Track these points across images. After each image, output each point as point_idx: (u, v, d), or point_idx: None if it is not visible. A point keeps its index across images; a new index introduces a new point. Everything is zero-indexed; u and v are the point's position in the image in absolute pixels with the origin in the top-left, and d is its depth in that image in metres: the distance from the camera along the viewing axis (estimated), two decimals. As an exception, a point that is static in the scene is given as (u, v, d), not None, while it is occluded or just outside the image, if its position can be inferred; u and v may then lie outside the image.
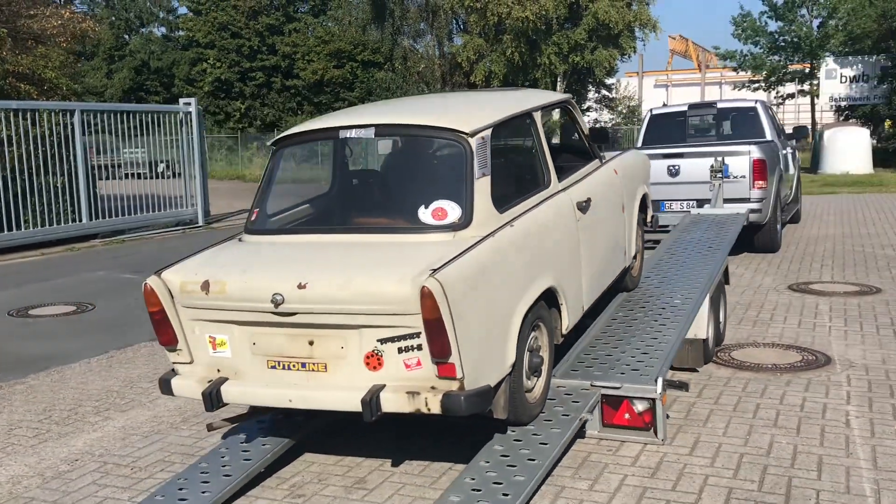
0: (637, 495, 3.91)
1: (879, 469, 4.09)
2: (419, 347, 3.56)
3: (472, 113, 4.38)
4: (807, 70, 36.71)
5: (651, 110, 12.93)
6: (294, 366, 3.83)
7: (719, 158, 9.66)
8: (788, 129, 13.05)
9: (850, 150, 25.86)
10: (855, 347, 6.34)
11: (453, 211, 3.93)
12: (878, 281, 8.84)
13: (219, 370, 4.02)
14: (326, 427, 4.76)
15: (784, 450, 4.37)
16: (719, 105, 12.55)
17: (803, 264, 10.03)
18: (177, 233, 16.44)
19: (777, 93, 37.74)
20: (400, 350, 3.61)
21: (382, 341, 3.63)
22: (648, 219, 6.56)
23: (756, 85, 37.44)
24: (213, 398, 3.88)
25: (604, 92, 43.71)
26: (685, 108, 12.54)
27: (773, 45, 36.75)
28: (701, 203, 9.65)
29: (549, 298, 4.35)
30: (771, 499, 3.81)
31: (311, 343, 3.77)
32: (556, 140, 18.93)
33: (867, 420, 4.76)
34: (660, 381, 4.43)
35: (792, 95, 38.57)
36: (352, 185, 4.48)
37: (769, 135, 11.47)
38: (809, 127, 25.88)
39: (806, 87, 36.66)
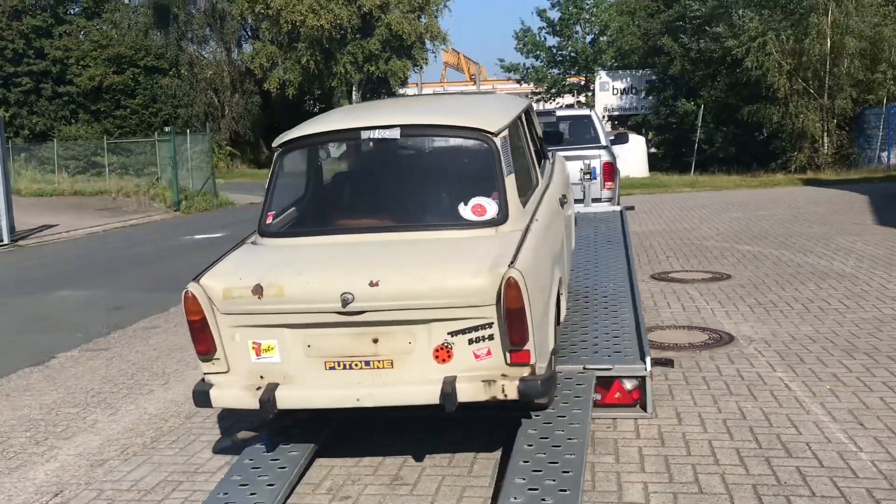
0: (663, 463, 4.29)
1: (839, 421, 4.75)
2: (490, 337, 3.71)
3: (489, 113, 4.56)
4: (582, 83, 39.74)
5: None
6: (357, 365, 3.82)
7: (587, 161, 10.41)
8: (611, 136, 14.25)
9: (630, 156, 28.34)
10: (742, 325, 7.16)
11: (491, 207, 4.11)
12: (721, 268, 9.92)
13: (262, 377, 3.91)
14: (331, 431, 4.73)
15: (754, 413, 4.95)
16: (558, 113, 13.46)
17: (650, 257, 11.02)
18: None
19: (557, 104, 40.52)
20: (470, 341, 3.73)
21: (453, 334, 3.73)
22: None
23: (538, 96, 39.91)
24: (269, 405, 3.77)
25: (394, 101, 44.60)
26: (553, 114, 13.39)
27: (552, 59, 39.40)
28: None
29: None
30: (774, 453, 4.34)
31: (375, 341, 3.78)
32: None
33: (801, 383, 5.47)
34: (648, 359, 4.84)
35: (571, 106, 41.49)
36: (376, 184, 4.49)
37: (603, 140, 12.50)
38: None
39: (582, 98, 39.63)
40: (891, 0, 26.20)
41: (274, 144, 4.48)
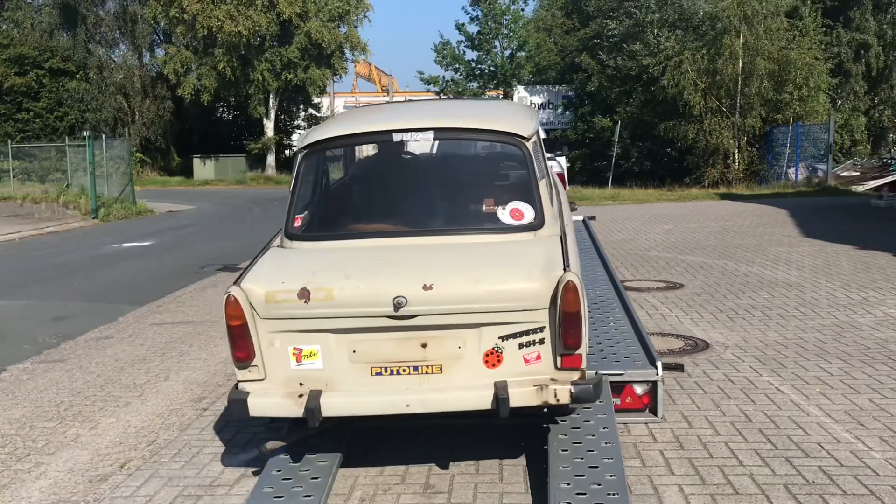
0: (690, 466, 4.35)
1: (840, 422, 4.93)
2: (541, 342, 3.69)
3: (518, 118, 4.55)
4: (501, 97, 40.19)
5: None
6: (405, 370, 3.73)
7: (545, 171, 10.54)
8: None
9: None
10: (712, 332, 7.36)
11: (528, 212, 4.10)
12: (671, 277, 10.20)
13: (301, 384, 3.77)
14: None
15: (758, 416, 5.08)
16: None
17: (600, 267, 11.23)
18: None
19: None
20: (521, 345, 3.70)
21: (504, 338, 3.69)
22: None
23: (456, 109, 40.15)
24: (316, 412, 3.64)
25: (311, 111, 44.12)
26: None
27: (470, 72, 39.73)
28: None
29: None
30: (792, 454, 4.46)
31: (424, 345, 3.71)
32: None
33: (791, 386, 5.65)
34: (659, 364, 4.91)
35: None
36: (409, 187, 4.40)
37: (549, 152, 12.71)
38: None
39: (500, 111, 40.07)
40: (795, 26, 27.56)
41: (300, 145, 4.34)
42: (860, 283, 9.27)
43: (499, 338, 3.69)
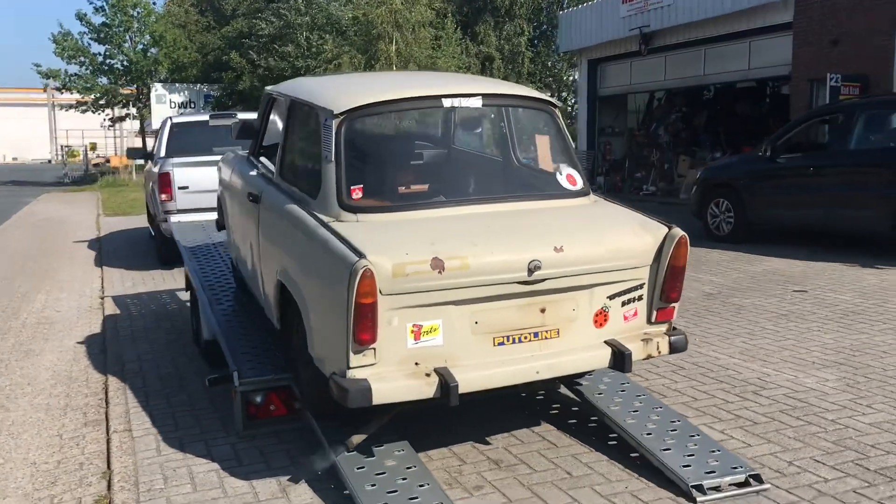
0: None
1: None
2: (640, 298, 3.90)
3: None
4: (136, 94, 37.59)
5: (170, 118, 12.67)
6: (526, 337, 3.67)
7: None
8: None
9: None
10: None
11: (578, 178, 4.24)
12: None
13: (417, 363, 3.50)
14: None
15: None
16: (239, 116, 12.95)
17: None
18: None
19: (107, 115, 37.88)
20: (623, 303, 3.87)
21: (611, 297, 3.84)
22: None
23: (84, 107, 36.80)
24: (454, 390, 3.40)
25: None
26: (207, 117, 12.69)
27: (98, 66, 36.59)
28: None
29: None
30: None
31: (542, 311, 3.70)
32: None
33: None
34: None
35: (123, 118, 39.10)
36: (466, 153, 4.17)
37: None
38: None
39: (135, 110, 37.52)
40: (439, 35, 29.92)
41: (337, 111, 3.90)
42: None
43: (607, 297, 3.83)
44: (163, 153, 12.09)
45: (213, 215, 10.28)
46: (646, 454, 3.95)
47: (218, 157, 11.10)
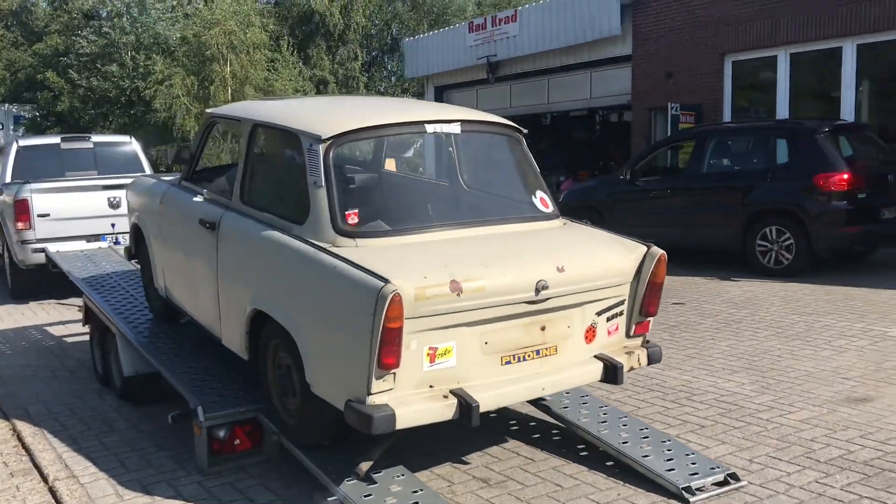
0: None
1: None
2: (621, 313, 4.13)
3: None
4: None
5: (17, 141, 11.79)
6: (529, 355, 3.79)
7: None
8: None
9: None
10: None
11: (549, 200, 4.41)
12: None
13: (431, 385, 3.53)
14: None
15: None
16: (94, 139, 12.22)
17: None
18: None
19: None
20: (608, 319, 4.08)
21: (599, 313, 4.02)
22: None
23: None
24: (474, 411, 3.45)
25: None
26: (58, 140, 11.94)
27: None
28: None
29: None
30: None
31: (542, 329, 3.82)
32: None
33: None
34: None
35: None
36: (450, 178, 4.18)
37: (147, 168, 11.98)
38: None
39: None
40: (275, 59, 29.53)
41: (324, 136, 3.85)
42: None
43: (595, 314, 4.01)
44: (8, 178, 11.21)
45: (76, 244, 9.70)
46: (629, 462, 4.15)
47: (79, 183, 10.55)
